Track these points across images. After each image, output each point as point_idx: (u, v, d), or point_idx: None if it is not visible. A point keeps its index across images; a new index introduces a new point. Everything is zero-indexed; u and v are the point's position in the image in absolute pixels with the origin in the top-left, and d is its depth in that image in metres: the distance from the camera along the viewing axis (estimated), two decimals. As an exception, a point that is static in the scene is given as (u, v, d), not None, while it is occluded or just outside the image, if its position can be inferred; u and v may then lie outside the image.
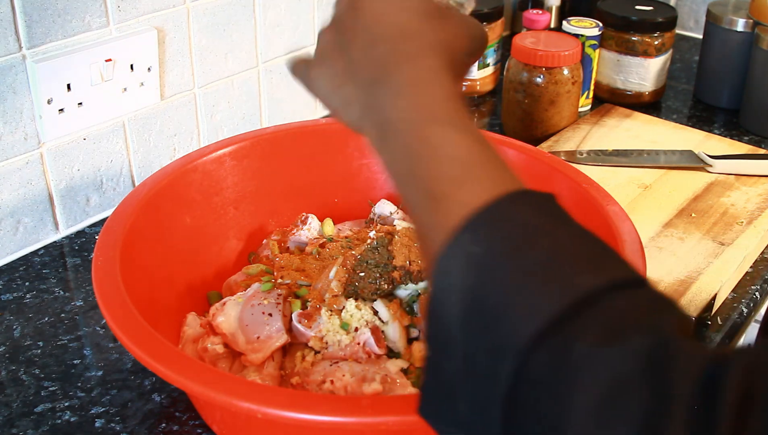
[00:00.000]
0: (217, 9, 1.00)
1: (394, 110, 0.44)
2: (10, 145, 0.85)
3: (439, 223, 0.39)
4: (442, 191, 0.40)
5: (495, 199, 0.38)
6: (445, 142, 0.41)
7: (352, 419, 0.52)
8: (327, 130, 0.89)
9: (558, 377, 0.34)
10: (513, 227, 0.38)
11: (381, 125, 0.45)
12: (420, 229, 0.42)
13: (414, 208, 0.42)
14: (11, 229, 0.89)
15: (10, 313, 0.82)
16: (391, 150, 0.44)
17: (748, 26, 1.19)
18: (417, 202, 0.41)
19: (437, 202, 0.40)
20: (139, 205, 0.73)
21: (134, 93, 0.94)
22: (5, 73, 0.82)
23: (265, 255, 0.83)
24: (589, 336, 0.34)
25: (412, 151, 0.42)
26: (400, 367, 0.66)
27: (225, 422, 0.65)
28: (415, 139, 0.42)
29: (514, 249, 0.37)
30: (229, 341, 0.69)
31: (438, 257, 0.38)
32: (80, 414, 0.70)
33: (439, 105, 0.43)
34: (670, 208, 0.97)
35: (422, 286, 0.71)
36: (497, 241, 0.37)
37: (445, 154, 0.41)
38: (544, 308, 0.34)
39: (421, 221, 0.41)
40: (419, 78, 0.44)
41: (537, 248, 0.37)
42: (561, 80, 1.10)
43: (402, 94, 0.44)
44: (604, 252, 0.38)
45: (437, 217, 0.40)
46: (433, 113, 0.43)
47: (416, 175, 0.41)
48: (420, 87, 0.44)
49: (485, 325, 0.36)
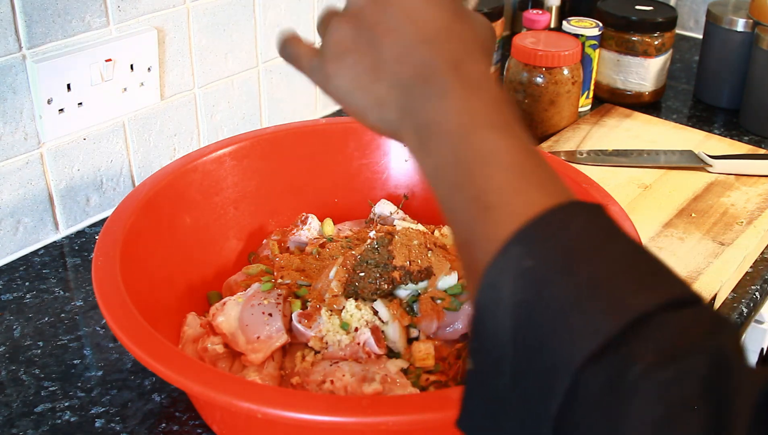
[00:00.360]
0: (217, 9, 1.00)
1: (441, 113, 0.42)
2: (10, 145, 0.85)
3: (488, 234, 0.38)
4: (492, 200, 0.38)
5: (547, 211, 0.37)
6: (497, 148, 0.40)
7: (352, 419, 0.52)
8: (327, 130, 0.89)
9: (613, 398, 0.33)
10: (566, 241, 0.36)
11: (423, 129, 0.43)
12: (463, 238, 0.40)
13: (458, 216, 0.40)
14: (11, 229, 0.89)
15: (10, 313, 0.82)
16: (435, 155, 0.42)
17: (748, 26, 1.19)
18: (463, 211, 0.40)
19: (487, 212, 0.38)
20: (139, 205, 0.73)
21: (134, 93, 0.94)
22: (5, 73, 0.82)
23: (265, 255, 0.83)
24: (645, 356, 0.33)
25: (461, 156, 0.40)
26: (400, 367, 0.66)
27: (225, 422, 0.65)
28: (464, 144, 0.40)
29: (568, 264, 0.36)
30: (229, 341, 0.69)
31: (486, 269, 0.37)
32: (80, 414, 0.70)
33: (490, 109, 0.42)
34: (670, 208, 0.97)
35: (422, 285, 0.71)
36: (550, 254, 0.36)
37: (497, 162, 0.39)
38: (600, 327, 0.34)
39: (466, 230, 0.40)
40: (468, 80, 0.43)
41: (591, 263, 0.36)
42: (561, 80, 1.10)
43: (449, 96, 0.42)
44: (658, 268, 0.37)
45: (486, 227, 0.38)
46: (483, 118, 0.41)
47: (464, 182, 0.40)
48: (469, 90, 0.42)
49: (538, 342, 0.35)
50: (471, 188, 0.39)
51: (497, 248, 0.37)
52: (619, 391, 0.33)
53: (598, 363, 0.33)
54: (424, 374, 0.67)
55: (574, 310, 0.34)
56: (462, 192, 0.40)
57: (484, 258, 0.37)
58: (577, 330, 0.34)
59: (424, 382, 0.66)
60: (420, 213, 0.89)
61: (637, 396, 0.32)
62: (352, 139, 0.89)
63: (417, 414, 0.52)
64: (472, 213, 0.39)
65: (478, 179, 0.39)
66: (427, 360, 0.68)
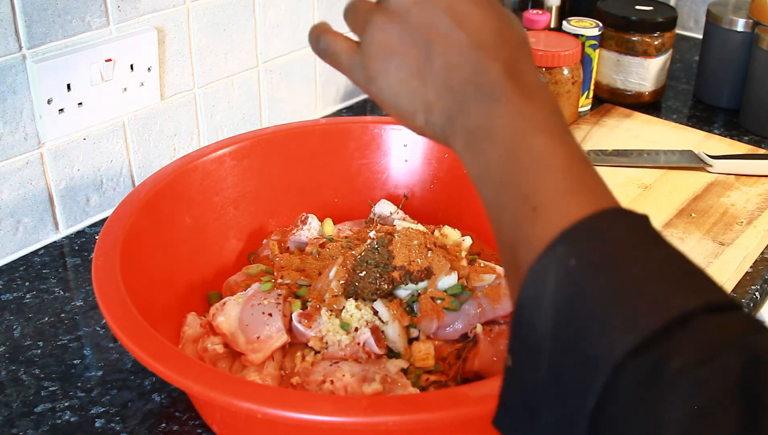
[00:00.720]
0: (217, 9, 1.00)
1: (496, 117, 0.43)
2: (10, 145, 0.85)
3: (534, 233, 0.39)
4: (541, 201, 0.40)
5: (593, 214, 0.38)
6: (550, 152, 0.41)
7: (352, 419, 0.52)
8: (327, 130, 0.89)
9: (650, 393, 0.34)
10: (610, 243, 0.38)
11: (475, 131, 0.44)
12: (508, 237, 0.41)
13: (505, 215, 0.42)
14: (11, 229, 0.89)
15: (10, 313, 0.82)
16: (486, 156, 0.43)
17: (748, 26, 1.19)
18: (511, 210, 0.41)
19: (535, 212, 0.40)
20: (139, 205, 0.73)
21: (134, 93, 0.94)
22: (5, 73, 0.82)
23: (265, 255, 0.83)
24: (683, 354, 0.34)
25: (514, 158, 0.41)
26: (400, 367, 0.66)
27: (225, 422, 0.65)
28: (518, 147, 0.42)
29: (611, 265, 0.37)
30: (229, 341, 0.69)
31: (531, 267, 0.38)
32: (80, 414, 0.70)
33: (543, 115, 0.43)
34: (670, 208, 0.97)
35: (422, 285, 0.71)
36: (594, 254, 0.37)
37: (549, 165, 0.41)
38: (640, 325, 0.35)
39: (512, 229, 0.41)
40: (523, 87, 0.44)
41: (633, 265, 0.37)
42: (561, 80, 1.10)
43: (505, 102, 0.43)
44: (698, 274, 0.38)
45: (533, 226, 0.39)
46: (537, 123, 0.42)
47: (514, 182, 0.41)
48: (524, 96, 0.43)
49: (577, 337, 0.36)
50: (521, 188, 0.41)
51: (543, 247, 0.38)
52: (657, 387, 0.34)
53: (637, 359, 0.34)
54: (424, 374, 0.67)
55: (616, 308, 0.35)
56: (510, 192, 0.41)
57: (529, 256, 0.39)
58: (617, 326, 0.35)
59: (424, 382, 0.66)
60: (420, 213, 0.89)
61: (674, 391, 0.33)
62: (352, 139, 0.89)
63: (417, 414, 0.52)
64: (520, 212, 0.40)
65: (529, 181, 0.41)
66: (427, 360, 0.68)
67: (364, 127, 0.89)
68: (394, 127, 0.89)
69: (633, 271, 0.36)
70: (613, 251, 0.37)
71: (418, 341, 0.69)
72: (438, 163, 0.89)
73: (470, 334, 0.70)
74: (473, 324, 0.70)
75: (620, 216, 0.39)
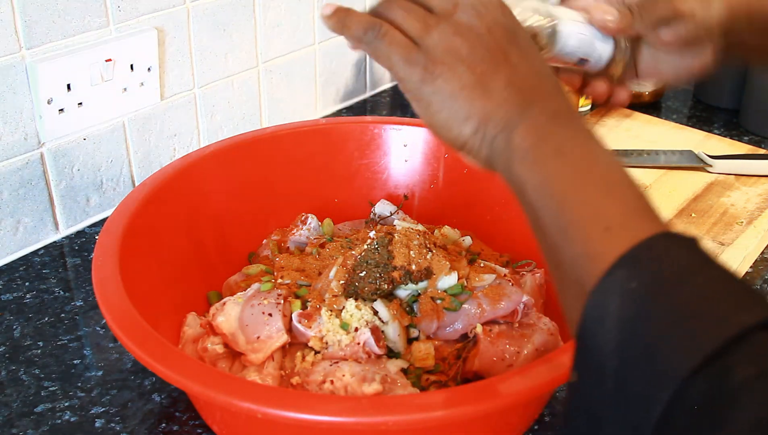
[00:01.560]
0: (217, 9, 1.00)
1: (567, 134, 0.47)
2: (10, 145, 0.85)
3: (605, 252, 0.41)
4: (616, 222, 0.42)
5: (650, 237, 0.41)
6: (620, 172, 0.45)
7: (352, 419, 0.52)
8: (327, 130, 0.89)
9: (714, 406, 0.36)
10: (667, 264, 0.40)
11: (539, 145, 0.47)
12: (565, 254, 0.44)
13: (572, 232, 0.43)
14: (11, 229, 0.89)
15: (10, 313, 0.82)
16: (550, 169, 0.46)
17: (748, 26, 1.19)
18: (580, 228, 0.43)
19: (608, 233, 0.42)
20: (139, 205, 0.73)
21: (134, 93, 0.94)
22: (5, 73, 0.82)
23: (265, 255, 0.83)
24: (745, 368, 0.36)
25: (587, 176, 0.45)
26: (400, 367, 0.66)
27: (225, 422, 0.65)
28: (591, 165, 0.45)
29: (671, 285, 0.39)
30: (229, 341, 0.69)
31: (593, 290, 0.40)
32: (80, 414, 0.70)
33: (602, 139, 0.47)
34: (670, 208, 0.97)
35: (422, 286, 0.71)
36: (654, 277, 0.39)
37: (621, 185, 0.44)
38: (702, 343, 0.37)
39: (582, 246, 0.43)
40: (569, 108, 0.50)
41: (692, 285, 0.39)
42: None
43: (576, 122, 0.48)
44: (752, 292, 0.40)
45: (603, 245, 0.41)
46: (603, 144, 0.46)
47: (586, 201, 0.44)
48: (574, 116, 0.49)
49: (642, 355, 0.38)
50: (593, 207, 0.43)
51: (605, 268, 0.40)
52: (720, 400, 0.36)
53: (701, 373, 0.36)
54: (424, 374, 0.67)
55: (679, 327, 0.38)
56: (581, 209, 0.44)
57: (595, 273, 0.41)
58: (681, 345, 0.37)
59: (424, 382, 0.66)
60: (420, 213, 0.89)
61: (737, 404, 0.35)
62: (352, 139, 0.89)
63: (417, 414, 0.52)
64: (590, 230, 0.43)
65: (603, 199, 0.43)
66: (427, 360, 0.68)
67: (364, 127, 0.89)
68: (394, 127, 0.89)
69: (691, 291, 0.39)
70: (671, 273, 0.39)
71: (418, 341, 0.69)
72: (438, 163, 0.89)
73: (470, 334, 0.70)
74: (473, 324, 0.70)
75: (673, 239, 0.41)
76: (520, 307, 0.71)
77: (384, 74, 1.32)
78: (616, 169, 0.45)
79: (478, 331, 0.69)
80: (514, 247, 0.83)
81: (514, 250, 0.83)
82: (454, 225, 0.86)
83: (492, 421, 0.63)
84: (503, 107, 0.49)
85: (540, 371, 0.56)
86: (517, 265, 0.81)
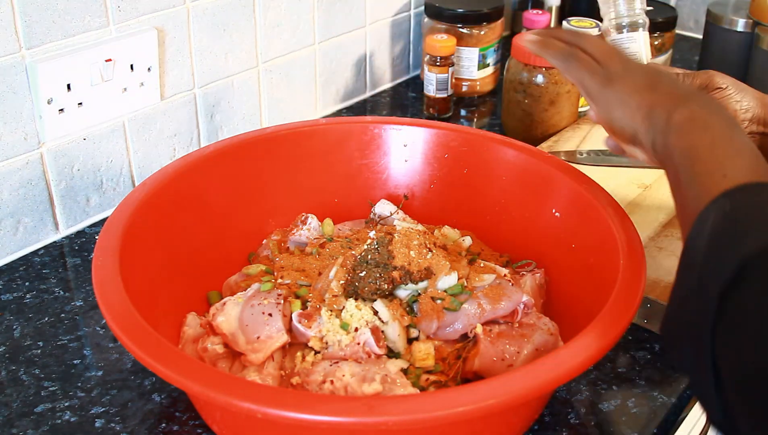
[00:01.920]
0: (217, 9, 1.00)
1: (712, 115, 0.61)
2: (10, 145, 0.85)
3: (712, 190, 0.55)
4: (732, 174, 0.56)
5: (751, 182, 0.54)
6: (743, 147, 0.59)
7: (352, 419, 0.52)
8: (327, 130, 0.89)
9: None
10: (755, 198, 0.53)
11: (692, 121, 0.61)
12: (694, 192, 0.57)
13: (700, 178, 0.57)
14: (11, 229, 0.89)
15: (10, 313, 0.82)
16: (694, 139, 0.60)
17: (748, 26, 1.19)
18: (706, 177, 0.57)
19: (725, 178, 0.55)
20: (139, 205, 0.73)
21: (134, 93, 0.94)
22: (5, 73, 0.82)
23: (265, 255, 0.83)
24: None
25: (719, 145, 0.59)
26: (400, 367, 0.66)
27: (225, 422, 0.65)
28: (725, 139, 0.59)
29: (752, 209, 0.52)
30: (229, 341, 0.69)
31: (702, 210, 0.54)
32: (80, 414, 0.70)
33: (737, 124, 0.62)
34: (670, 208, 0.97)
35: (422, 286, 0.71)
36: (743, 202, 0.53)
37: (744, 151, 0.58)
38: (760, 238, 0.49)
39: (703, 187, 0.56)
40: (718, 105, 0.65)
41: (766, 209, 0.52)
42: (561, 80, 1.10)
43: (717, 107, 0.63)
44: None
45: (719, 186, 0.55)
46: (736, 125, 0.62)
47: (716, 160, 0.57)
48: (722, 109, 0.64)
49: (720, 248, 0.51)
50: (718, 164, 0.57)
51: (711, 198, 0.55)
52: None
53: (762, 258, 0.48)
54: (424, 374, 0.67)
55: (752, 227, 0.51)
56: (709, 164, 0.58)
57: (700, 204, 0.55)
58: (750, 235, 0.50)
59: (424, 382, 0.66)
60: (420, 213, 0.89)
61: None
62: (352, 139, 0.89)
63: (417, 414, 0.53)
64: (713, 177, 0.56)
65: (725, 161, 0.57)
66: (427, 360, 0.68)
67: (364, 127, 0.89)
68: (394, 127, 0.89)
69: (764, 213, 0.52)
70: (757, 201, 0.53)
71: (418, 341, 0.69)
72: (438, 163, 0.89)
73: (470, 334, 0.70)
74: (473, 324, 0.70)
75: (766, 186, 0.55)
76: (520, 307, 0.71)
77: (384, 74, 1.32)
78: (746, 145, 0.58)
79: (478, 331, 0.69)
80: (514, 247, 0.83)
81: (514, 250, 0.83)
82: (454, 225, 0.86)
83: (492, 421, 0.63)
84: (668, 98, 0.64)
85: (540, 371, 0.56)
86: (517, 265, 0.81)
